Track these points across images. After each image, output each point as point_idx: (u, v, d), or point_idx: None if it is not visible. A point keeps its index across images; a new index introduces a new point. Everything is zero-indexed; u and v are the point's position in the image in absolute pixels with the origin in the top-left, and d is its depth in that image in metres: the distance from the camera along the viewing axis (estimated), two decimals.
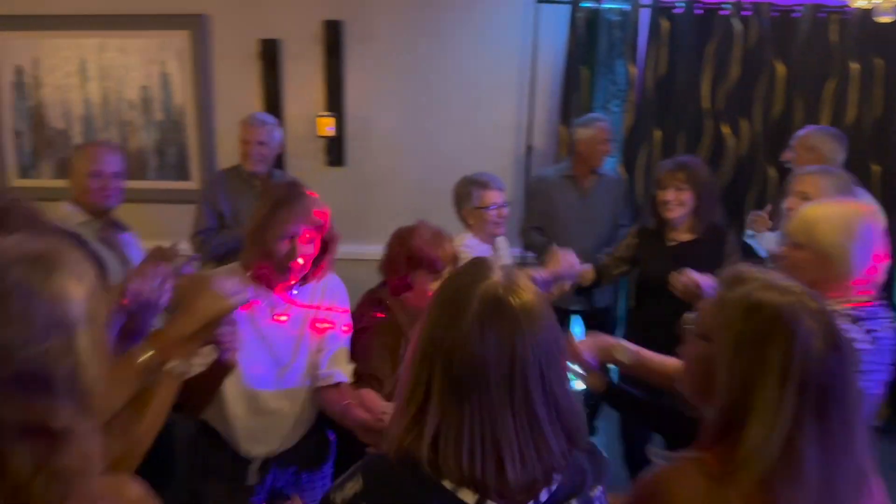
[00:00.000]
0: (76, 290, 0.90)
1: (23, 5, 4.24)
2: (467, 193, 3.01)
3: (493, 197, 2.96)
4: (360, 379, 2.04)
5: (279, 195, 1.99)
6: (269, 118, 3.62)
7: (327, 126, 4.17)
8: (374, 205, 4.29)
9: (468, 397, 1.04)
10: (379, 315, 2.19)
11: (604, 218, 3.62)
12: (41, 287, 0.87)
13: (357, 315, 2.19)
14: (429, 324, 1.09)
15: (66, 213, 2.70)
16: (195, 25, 4.17)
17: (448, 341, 1.05)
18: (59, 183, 4.40)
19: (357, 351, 2.10)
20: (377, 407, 1.87)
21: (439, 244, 2.14)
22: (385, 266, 2.22)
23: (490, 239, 3.02)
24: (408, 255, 2.13)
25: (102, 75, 4.28)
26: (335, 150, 4.29)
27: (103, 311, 0.95)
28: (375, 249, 2.34)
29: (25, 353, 0.84)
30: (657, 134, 4.05)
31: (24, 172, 4.45)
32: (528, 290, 1.09)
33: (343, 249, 2.22)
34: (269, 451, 2.06)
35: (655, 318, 2.87)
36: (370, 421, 1.85)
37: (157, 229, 4.27)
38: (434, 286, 2.03)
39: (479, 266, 1.13)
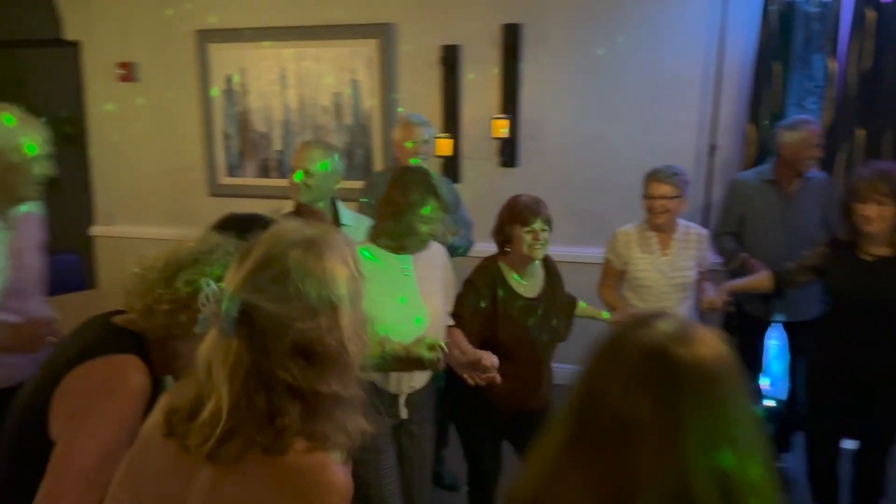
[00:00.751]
0: (342, 272, 1.00)
1: (233, 20, 4.72)
2: (644, 183, 3.01)
3: (658, 189, 2.91)
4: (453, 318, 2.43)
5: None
6: (424, 119, 3.52)
7: (502, 128, 4.24)
8: (547, 204, 4.30)
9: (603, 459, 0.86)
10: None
11: (809, 224, 3.31)
12: (314, 268, 0.98)
13: None
14: (583, 377, 0.93)
15: (279, 206, 2.85)
16: (383, 34, 4.42)
17: (598, 398, 0.88)
18: (260, 181, 4.87)
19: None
20: (461, 345, 2.25)
21: (535, 203, 2.54)
22: (494, 228, 2.60)
23: (657, 228, 2.97)
24: (508, 212, 2.55)
25: (300, 83, 4.66)
26: (508, 151, 4.36)
27: (361, 292, 1.04)
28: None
29: (301, 325, 0.96)
30: (860, 133, 3.71)
31: (231, 171, 4.94)
32: (705, 343, 0.88)
33: None
34: (412, 388, 2.32)
35: (845, 335, 2.69)
36: (459, 357, 2.19)
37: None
38: (526, 237, 2.45)
39: (647, 315, 0.94)
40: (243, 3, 4.67)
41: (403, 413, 2.33)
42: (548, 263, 2.67)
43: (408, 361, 2.03)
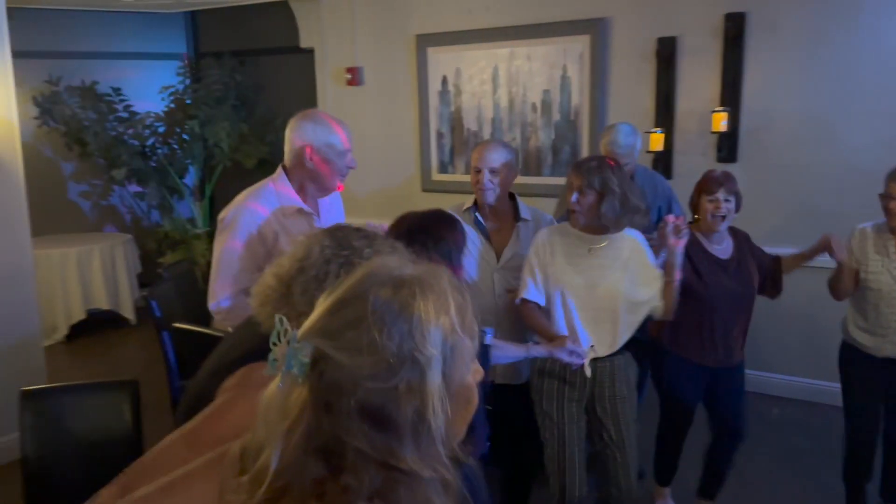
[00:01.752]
0: (438, 323, 0.81)
1: (449, 24, 4.93)
2: (885, 182, 2.72)
3: (892, 189, 2.63)
4: None
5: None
6: (629, 128, 3.43)
7: (722, 121, 4.05)
8: (767, 201, 4.05)
9: None
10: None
11: None
12: (399, 316, 0.79)
13: None
14: None
15: (461, 202, 2.89)
16: (596, 29, 4.40)
17: None
18: (469, 178, 5.05)
19: None
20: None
21: (722, 176, 2.74)
22: (692, 203, 2.84)
23: (892, 229, 2.70)
24: (699, 183, 2.81)
25: (510, 81, 4.77)
26: (728, 146, 4.15)
27: (468, 352, 0.85)
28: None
29: (372, 384, 0.77)
30: None
31: (443, 168, 5.17)
32: None
33: None
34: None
35: None
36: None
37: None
38: (708, 205, 2.70)
39: None
40: (461, 7, 4.87)
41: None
42: (735, 231, 2.85)
43: None
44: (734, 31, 4.02)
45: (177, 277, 3.78)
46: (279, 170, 2.42)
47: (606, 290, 2.46)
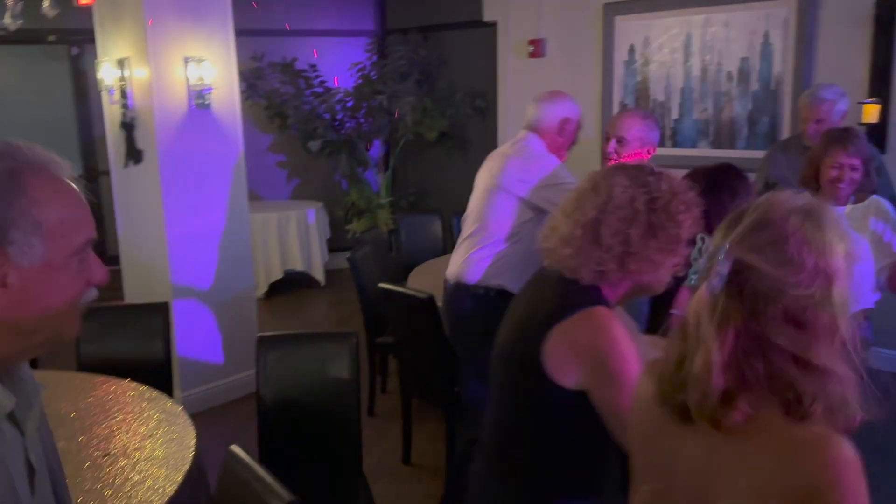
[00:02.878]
0: (838, 246, 0.98)
1: None
2: None
3: None
4: None
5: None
6: (831, 93, 3.27)
7: None
8: None
9: None
10: None
11: None
12: (812, 237, 0.96)
13: None
14: None
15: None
16: None
17: None
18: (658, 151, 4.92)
19: None
20: None
21: None
22: None
23: None
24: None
25: (704, 49, 4.57)
26: None
27: (852, 272, 0.99)
28: None
29: (794, 292, 0.94)
30: None
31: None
32: None
33: None
34: None
35: None
36: None
37: None
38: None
39: None
40: None
41: None
42: None
43: None
44: None
45: (373, 243, 4.03)
46: (530, 135, 2.74)
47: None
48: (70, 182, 0.92)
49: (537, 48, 5.36)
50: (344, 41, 6.57)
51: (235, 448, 1.66)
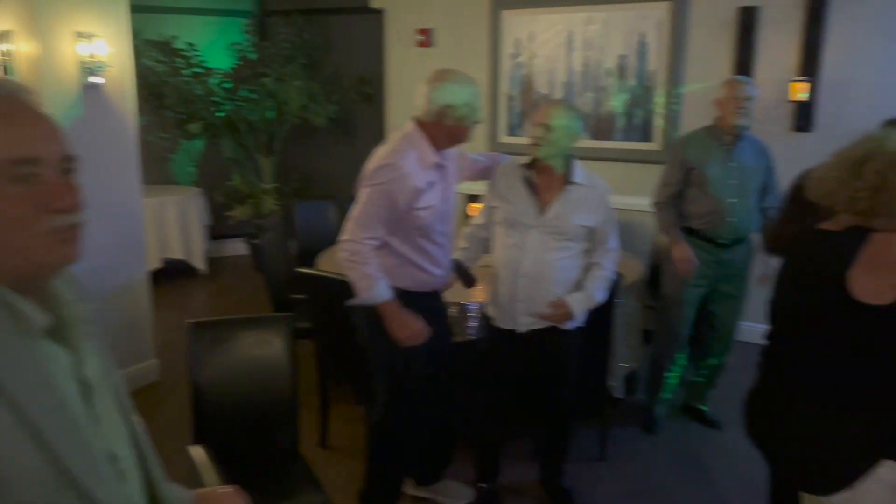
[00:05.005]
0: None
1: None
2: None
3: None
4: None
5: None
6: (751, 86, 3.67)
7: (800, 91, 4.15)
8: None
9: None
10: None
11: None
12: None
13: None
14: None
15: (516, 160, 2.87)
16: None
17: None
18: None
19: None
20: None
21: None
22: None
23: None
24: None
25: (586, 46, 4.86)
26: (804, 115, 4.25)
27: None
28: None
29: None
30: None
31: (511, 131, 5.29)
32: None
33: None
34: None
35: None
36: None
37: (619, 186, 4.76)
38: None
39: None
40: None
41: None
42: None
43: None
44: (817, 1, 4.10)
45: (276, 228, 3.97)
46: (412, 124, 2.53)
47: None
48: (25, 101, 0.88)
49: (426, 37, 5.46)
50: (225, 21, 6.32)
51: None
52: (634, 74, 4.75)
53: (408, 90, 5.72)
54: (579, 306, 2.63)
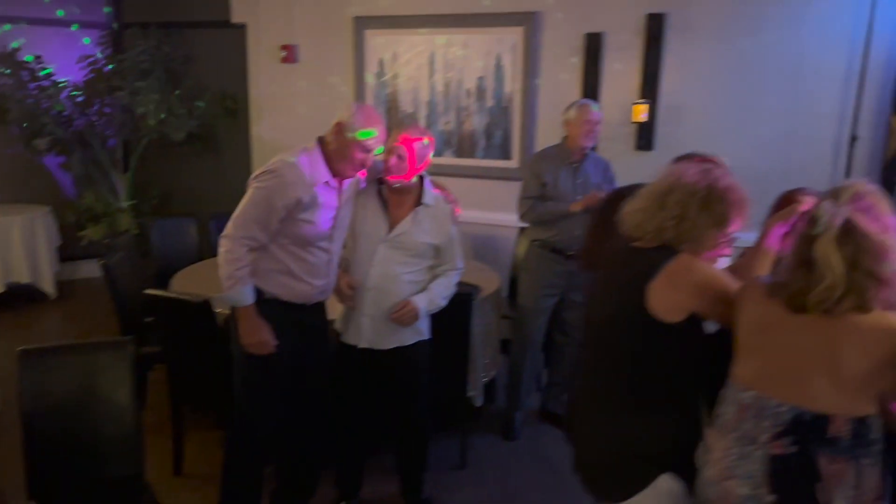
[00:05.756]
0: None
1: (388, 8, 5.10)
2: None
3: None
4: None
5: None
6: (598, 111, 3.93)
7: (642, 112, 4.47)
8: None
9: None
10: None
11: None
12: (886, 208, 1.59)
13: None
14: None
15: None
16: (529, 22, 4.71)
17: None
18: None
19: None
20: None
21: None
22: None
23: None
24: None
25: (447, 67, 5.01)
26: (646, 136, 4.58)
27: None
28: None
29: (880, 238, 1.52)
30: None
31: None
32: None
33: None
34: None
35: None
36: None
37: (480, 201, 4.94)
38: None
39: None
40: None
41: None
42: None
43: None
44: (654, 30, 4.44)
45: (127, 248, 3.81)
46: (315, 140, 2.62)
47: None
48: None
49: (290, 53, 5.43)
50: (77, 33, 6.01)
51: None
52: (493, 95, 4.94)
53: (272, 105, 5.68)
54: (424, 305, 2.75)
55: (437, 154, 5.06)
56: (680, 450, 1.80)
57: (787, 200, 2.65)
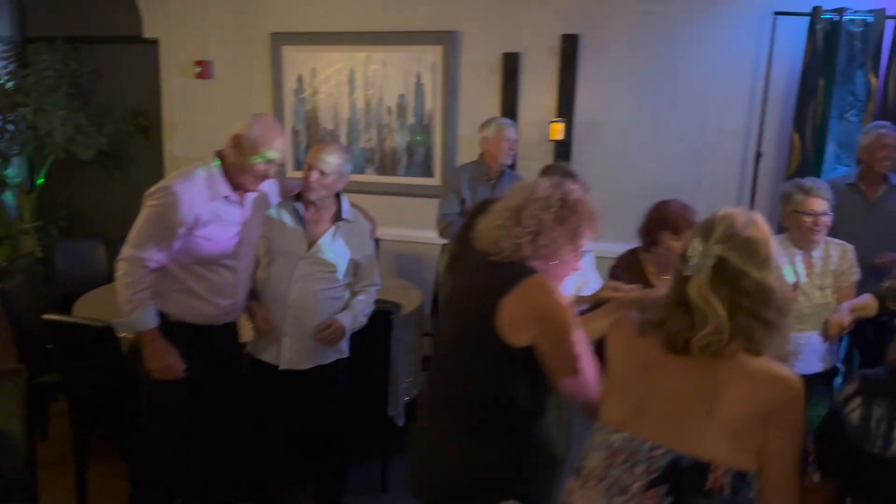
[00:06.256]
0: (775, 245, 1.48)
1: (306, 24, 5.05)
2: (789, 195, 2.97)
3: (818, 205, 2.86)
4: None
5: None
6: (514, 129, 4.03)
7: (559, 131, 4.54)
8: (597, 205, 4.59)
9: None
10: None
11: (892, 229, 3.48)
12: (757, 246, 1.46)
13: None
14: None
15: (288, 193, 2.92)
16: (448, 41, 4.74)
17: None
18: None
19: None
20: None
21: (686, 212, 2.76)
22: (641, 228, 2.92)
23: (808, 245, 2.94)
24: (659, 218, 2.82)
25: (367, 84, 4.98)
26: (563, 154, 4.66)
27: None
28: (596, 246, 2.66)
29: (757, 274, 1.43)
30: None
31: (298, 165, 5.25)
32: None
33: None
34: None
35: None
36: None
37: (403, 219, 4.92)
38: (676, 245, 2.63)
39: None
40: (318, 9, 5.00)
41: None
42: None
43: None
44: (569, 50, 4.54)
45: (27, 272, 3.61)
46: (214, 155, 2.55)
47: None
48: None
49: (204, 69, 5.30)
50: None
51: None
52: (414, 113, 4.93)
53: (186, 123, 5.51)
54: (349, 323, 2.71)
55: (359, 171, 5.06)
56: (524, 477, 1.74)
57: (657, 210, 2.88)
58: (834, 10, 3.97)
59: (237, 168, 2.49)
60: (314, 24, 5.02)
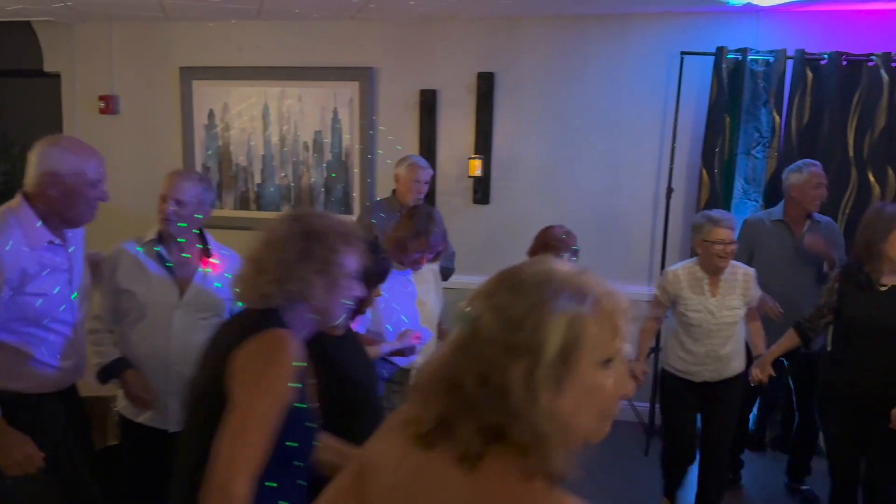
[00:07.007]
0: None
1: (217, 59, 4.90)
2: (700, 226, 3.19)
3: (724, 234, 3.10)
4: None
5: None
6: (425, 163, 4.03)
7: (477, 167, 4.53)
8: (515, 239, 4.53)
9: None
10: None
11: (817, 263, 3.61)
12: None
13: None
14: None
15: (143, 234, 2.70)
16: (364, 77, 4.68)
17: None
18: (239, 213, 5.03)
19: None
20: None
21: (569, 237, 3.19)
22: (529, 251, 3.22)
23: (716, 270, 3.16)
24: (544, 241, 3.19)
25: (282, 120, 4.86)
26: (482, 190, 4.64)
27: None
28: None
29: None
30: None
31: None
32: None
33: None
34: None
35: (866, 363, 2.91)
36: None
37: None
38: None
39: None
40: (230, 43, 4.87)
41: None
42: None
43: None
44: (485, 87, 4.55)
45: None
46: (19, 198, 2.21)
47: None
48: None
49: (109, 104, 5.06)
50: None
51: None
52: (331, 149, 4.84)
53: None
54: None
55: (276, 208, 4.92)
56: None
57: (542, 234, 3.26)
58: (738, 50, 4.12)
59: (64, 202, 2.18)
60: (226, 59, 4.89)
